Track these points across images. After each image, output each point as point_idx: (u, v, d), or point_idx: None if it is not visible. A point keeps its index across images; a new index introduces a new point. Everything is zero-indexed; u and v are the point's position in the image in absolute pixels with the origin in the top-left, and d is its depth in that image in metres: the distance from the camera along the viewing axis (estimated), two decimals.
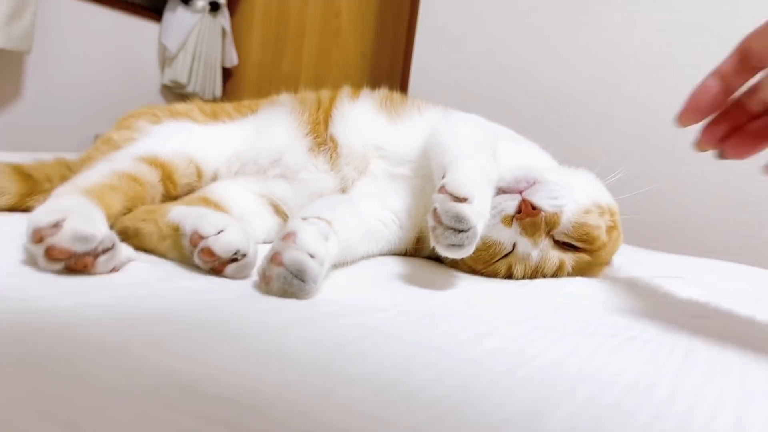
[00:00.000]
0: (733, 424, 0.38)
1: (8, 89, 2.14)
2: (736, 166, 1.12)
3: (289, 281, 0.57)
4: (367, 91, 1.03)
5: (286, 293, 0.57)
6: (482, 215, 0.66)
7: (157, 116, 0.96)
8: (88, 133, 2.19)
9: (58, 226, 0.55)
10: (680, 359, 0.49)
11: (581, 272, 0.79)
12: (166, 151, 0.85)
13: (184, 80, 2.69)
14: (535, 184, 0.76)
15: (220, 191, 0.88)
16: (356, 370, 0.40)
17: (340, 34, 2.75)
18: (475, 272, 0.80)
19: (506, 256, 0.77)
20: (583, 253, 0.78)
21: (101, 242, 0.56)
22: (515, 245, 0.76)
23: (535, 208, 0.73)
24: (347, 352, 0.43)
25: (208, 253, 0.62)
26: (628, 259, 0.92)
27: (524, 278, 0.77)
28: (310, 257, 0.58)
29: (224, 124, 0.99)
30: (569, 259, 0.78)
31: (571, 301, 0.68)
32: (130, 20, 2.59)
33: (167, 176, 0.83)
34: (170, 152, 0.86)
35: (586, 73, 1.91)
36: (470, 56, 2.13)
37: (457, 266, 0.83)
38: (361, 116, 0.98)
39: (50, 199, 0.68)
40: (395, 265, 0.83)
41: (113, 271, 0.58)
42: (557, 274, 0.78)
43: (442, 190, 0.65)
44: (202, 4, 2.67)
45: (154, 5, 2.69)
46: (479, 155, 0.75)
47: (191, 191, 0.88)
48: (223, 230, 0.63)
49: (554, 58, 1.97)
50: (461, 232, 0.63)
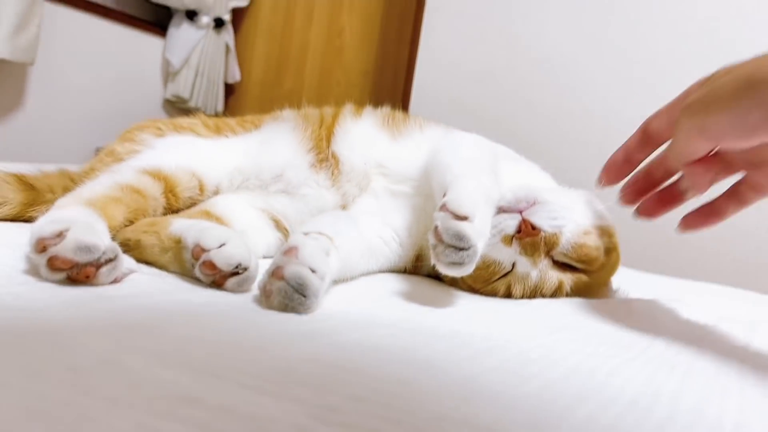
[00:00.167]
0: None
1: (11, 100, 2.15)
2: None
3: (290, 296, 0.57)
4: (369, 108, 1.04)
5: (286, 308, 0.57)
6: (483, 234, 0.66)
7: (160, 129, 0.97)
8: (89, 145, 2.20)
9: (61, 236, 0.56)
10: (679, 380, 0.49)
11: (580, 293, 0.80)
12: (169, 164, 0.86)
13: (186, 95, 2.71)
14: (535, 204, 0.76)
15: (221, 205, 0.89)
16: (358, 386, 0.40)
17: (342, 52, 2.77)
18: (474, 291, 0.80)
19: (505, 275, 0.77)
20: (582, 273, 0.78)
21: (104, 253, 0.56)
22: (514, 265, 0.76)
23: (534, 228, 0.74)
24: (348, 368, 0.43)
25: (209, 266, 0.63)
26: (626, 281, 0.92)
27: (523, 298, 0.77)
28: (311, 272, 0.59)
29: (227, 138, 1.00)
30: (568, 279, 0.78)
31: (570, 321, 0.68)
32: (134, 35, 2.61)
33: (170, 189, 0.84)
34: (173, 165, 0.86)
35: (587, 93, 1.93)
36: (472, 76, 2.15)
37: (456, 285, 0.83)
38: (363, 134, 0.99)
39: (53, 209, 0.69)
40: (395, 282, 0.83)
41: (115, 282, 0.59)
42: (556, 294, 0.78)
43: (443, 208, 0.65)
44: (206, 20, 2.69)
45: (158, 20, 2.72)
46: (480, 174, 0.75)
47: (193, 204, 0.89)
48: (224, 244, 0.64)
49: (555, 78, 1.99)
50: (462, 250, 0.63)
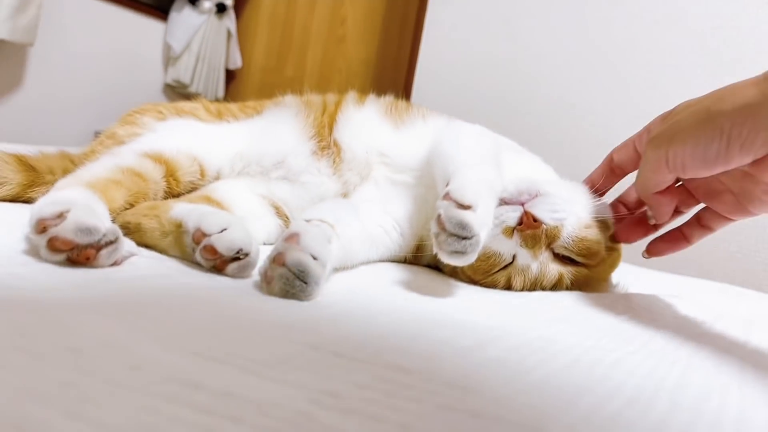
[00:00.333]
0: None
1: (10, 81, 2.14)
2: None
3: (291, 282, 0.56)
4: (373, 97, 1.03)
5: (287, 294, 0.57)
6: (485, 224, 0.66)
7: (162, 113, 0.96)
8: (88, 128, 2.19)
9: (61, 217, 0.55)
10: (679, 375, 0.49)
11: (580, 287, 0.79)
12: (170, 148, 0.85)
13: (187, 80, 2.70)
14: (537, 196, 0.76)
15: (222, 190, 0.88)
16: (359, 373, 0.40)
17: (345, 41, 2.76)
18: (474, 282, 0.80)
19: (506, 267, 0.77)
20: (582, 267, 0.78)
21: (104, 235, 0.56)
22: (515, 257, 0.76)
23: (536, 220, 0.74)
24: (349, 355, 0.43)
25: (210, 250, 0.62)
26: (626, 277, 0.92)
27: (523, 290, 0.77)
28: (312, 259, 0.58)
29: (229, 123, 0.99)
30: (568, 272, 0.78)
31: (570, 314, 0.68)
32: (135, 18, 2.59)
33: (170, 173, 0.83)
34: (174, 149, 0.86)
35: (590, 85, 1.92)
36: (474, 66, 2.14)
37: (456, 276, 0.83)
38: (366, 122, 0.98)
39: (53, 190, 0.68)
40: (396, 271, 0.83)
41: (115, 264, 0.58)
42: (556, 287, 0.78)
43: (446, 197, 0.65)
44: (208, 5, 2.68)
45: (160, 4, 2.70)
46: (483, 165, 0.75)
47: (193, 189, 0.89)
48: (226, 229, 0.64)
49: (557, 70, 1.98)
50: (464, 239, 0.63)
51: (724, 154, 0.55)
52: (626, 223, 0.79)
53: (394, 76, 2.61)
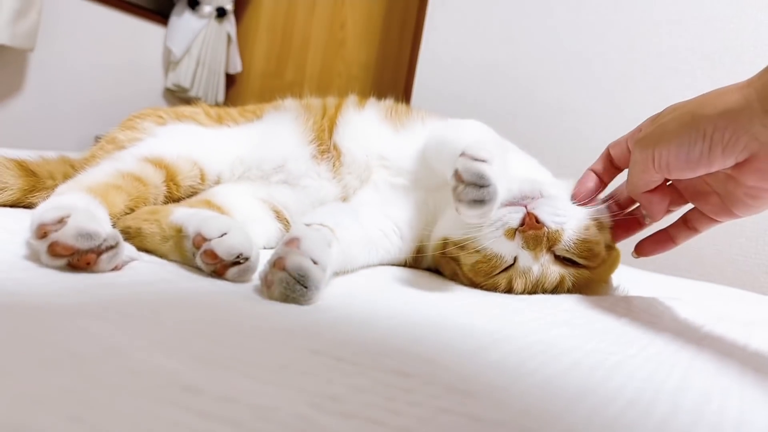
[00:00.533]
0: None
1: (10, 86, 2.14)
2: None
3: (291, 286, 0.57)
4: (373, 100, 1.04)
5: (287, 298, 0.57)
6: (501, 178, 0.67)
7: (162, 118, 0.96)
8: (88, 133, 2.19)
9: (62, 222, 0.55)
10: (680, 378, 0.49)
11: (581, 289, 0.79)
12: (170, 152, 0.85)
13: (187, 84, 2.70)
14: (539, 197, 0.76)
15: (222, 195, 0.88)
16: (359, 377, 0.40)
17: (344, 45, 2.76)
18: (475, 285, 0.80)
19: (507, 269, 0.77)
20: (583, 268, 0.78)
21: (105, 240, 0.56)
22: (516, 259, 0.76)
23: (538, 221, 0.74)
24: (349, 359, 0.43)
25: (210, 255, 0.62)
26: (626, 279, 0.92)
27: (524, 293, 0.77)
28: (313, 263, 0.59)
29: (229, 128, 1.00)
30: (569, 274, 0.78)
31: (570, 317, 0.68)
32: (135, 22, 2.60)
33: (171, 178, 0.84)
34: (175, 154, 0.86)
35: (589, 88, 1.92)
36: (474, 70, 2.14)
37: (457, 278, 0.83)
38: (366, 125, 0.98)
39: (54, 195, 0.69)
40: (396, 275, 0.83)
41: (115, 269, 0.58)
42: (557, 289, 0.78)
43: (462, 155, 0.67)
44: (208, 9, 2.68)
45: (160, 9, 2.70)
46: (494, 144, 0.76)
47: (194, 193, 0.89)
48: (226, 233, 0.64)
49: (557, 73, 1.98)
50: (482, 187, 0.65)
51: (706, 156, 0.56)
52: (617, 221, 0.80)
53: (393, 79, 2.61)
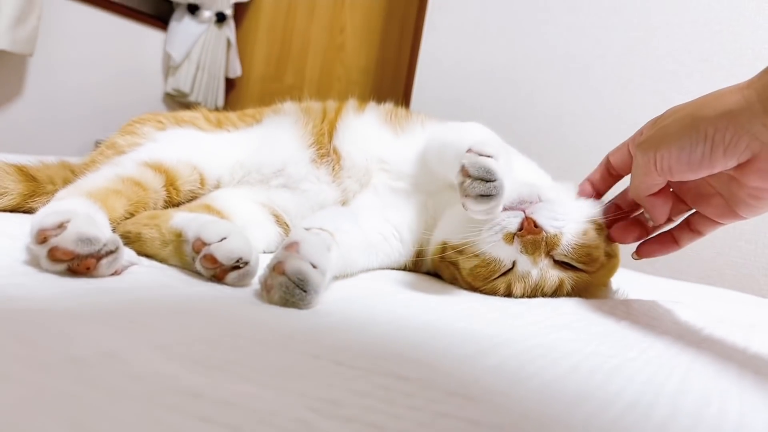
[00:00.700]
0: None
1: (10, 91, 2.14)
2: None
3: (291, 291, 0.57)
4: (372, 104, 1.04)
5: (287, 302, 0.57)
6: (507, 174, 0.68)
7: (162, 123, 0.97)
8: (88, 138, 2.19)
9: (62, 227, 0.56)
10: (680, 381, 0.49)
11: (580, 292, 0.79)
12: (170, 157, 0.86)
13: (187, 89, 2.71)
14: (538, 202, 0.76)
15: (222, 199, 0.89)
16: (359, 381, 0.40)
17: (344, 49, 2.77)
18: (474, 289, 0.80)
19: (506, 273, 0.77)
20: (582, 272, 0.78)
21: (105, 245, 0.56)
22: (515, 263, 0.76)
23: (537, 226, 0.74)
24: (349, 363, 0.43)
25: (210, 260, 0.62)
26: (625, 282, 0.92)
27: (523, 297, 0.77)
28: (312, 267, 0.59)
29: (228, 132, 1.00)
30: (568, 278, 0.78)
31: (569, 320, 0.68)
32: (135, 28, 2.60)
33: (170, 182, 0.84)
34: (174, 159, 0.86)
35: (587, 92, 1.93)
36: (473, 74, 2.14)
37: (456, 282, 0.83)
38: (365, 129, 0.99)
39: (54, 201, 0.69)
40: (395, 279, 0.83)
41: (115, 274, 0.59)
42: (556, 293, 0.78)
43: (468, 151, 0.68)
44: (208, 14, 2.69)
45: (160, 14, 2.71)
46: (500, 145, 0.76)
47: (193, 198, 0.89)
48: (225, 238, 0.64)
49: (556, 77, 1.99)
50: (489, 182, 0.66)
51: (708, 158, 0.57)
52: (622, 224, 0.79)
53: (393, 83, 2.62)
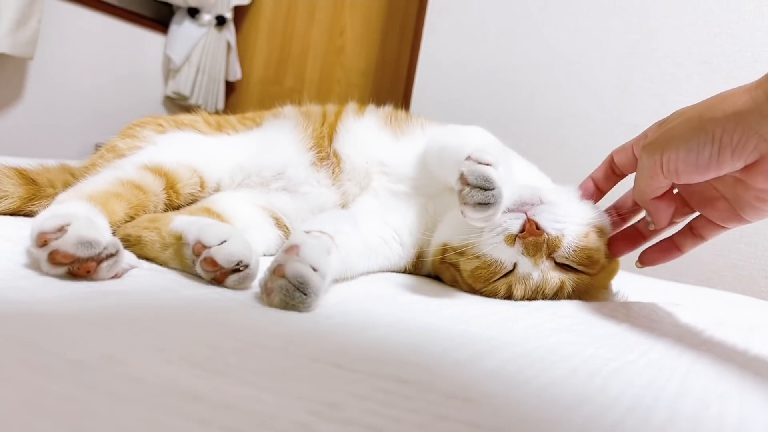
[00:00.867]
0: None
1: (10, 94, 2.15)
2: None
3: (291, 293, 0.57)
4: (372, 107, 1.04)
5: (287, 305, 0.57)
6: (506, 182, 0.68)
7: (162, 126, 0.97)
8: (88, 141, 2.19)
9: (62, 230, 0.56)
10: (679, 384, 0.49)
11: (581, 295, 0.79)
12: (170, 160, 0.86)
13: (187, 92, 2.71)
14: (539, 204, 0.76)
15: (222, 202, 0.89)
16: (358, 384, 0.40)
17: (343, 52, 2.77)
18: (474, 291, 0.80)
19: (506, 275, 0.77)
20: (583, 275, 0.78)
21: (105, 248, 0.56)
22: (516, 265, 0.76)
23: (539, 228, 0.74)
24: (349, 366, 0.43)
25: (210, 263, 0.63)
26: (626, 285, 0.92)
27: (524, 299, 0.77)
28: (312, 270, 0.59)
29: (229, 135, 1.00)
30: (569, 280, 0.78)
31: (570, 323, 0.68)
32: (135, 31, 2.61)
33: (171, 185, 0.84)
34: (174, 162, 0.86)
35: (587, 95, 1.93)
36: (473, 77, 2.15)
37: (456, 285, 0.83)
38: (365, 132, 0.99)
39: (54, 204, 0.69)
40: (396, 282, 0.83)
41: (115, 277, 0.59)
42: (557, 295, 0.78)
43: (468, 159, 0.68)
44: (208, 18, 2.69)
45: (160, 17, 2.71)
46: (498, 148, 0.76)
47: (194, 201, 0.89)
48: (226, 241, 0.64)
49: (556, 79, 1.99)
50: (487, 190, 0.66)
51: (715, 159, 0.56)
52: (617, 235, 0.80)
53: (393, 86, 2.62)
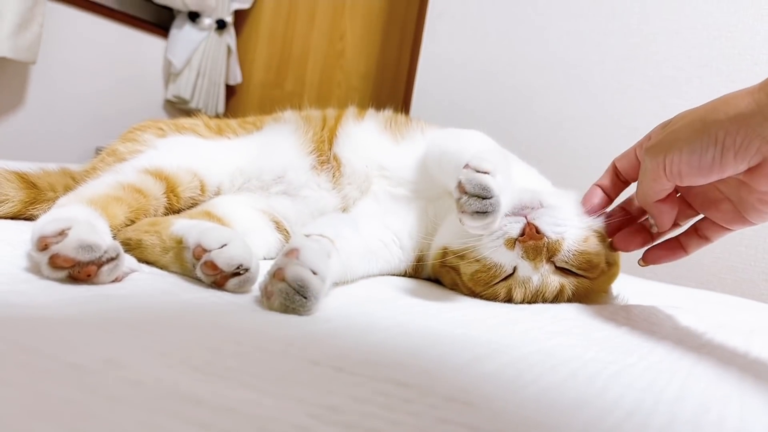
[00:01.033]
0: None
1: (12, 99, 2.15)
2: None
3: (291, 297, 0.57)
4: (372, 111, 1.04)
5: (287, 309, 0.57)
6: (504, 190, 0.68)
7: (162, 130, 0.97)
8: (90, 144, 2.20)
9: (63, 234, 0.56)
10: (679, 387, 0.49)
11: (581, 298, 0.79)
12: (170, 164, 0.86)
13: (187, 96, 2.71)
14: (539, 208, 0.76)
15: (222, 206, 0.89)
16: (358, 387, 0.40)
17: (343, 56, 2.78)
18: (474, 294, 0.80)
19: (506, 278, 0.77)
20: (583, 278, 0.78)
21: (105, 252, 0.56)
22: (516, 268, 0.76)
23: (539, 232, 0.74)
24: (348, 369, 0.43)
25: (210, 266, 0.63)
26: (626, 287, 0.92)
27: (524, 302, 0.77)
28: (312, 274, 0.59)
29: (229, 139, 1.00)
30: (569, 283, 0.78)
31: (569, 326, 0.68)
32: (136, 35, 2.61)
33: (171, 189, 0.84)
34: (175, 166, 0.86)
35: (587, 98, 1.93)
36: (473, 80, 2.15)
37: (456, 288, 0.84)
38: (365, 136, 0.99)
39: (54, 208, 0.69)
40: (396, 285, 0.83)
41: (116, 281, 0.59)
42: (557, 298, 0.78)
43: (466, 167, 0.68)
44: (208, 22, 2.70)
45: (161, 21, 2.72)
46: (498, 154, 0.76)
47: (194, 205, 0.89)
48: (226, 244, 0.64)
49: (556, 83, 1.99)
50: (485, 199, 0.66)
51: (718, 162, 0.56)
52: (625, 231, 0.79)
53: (392, 89, 2.62)
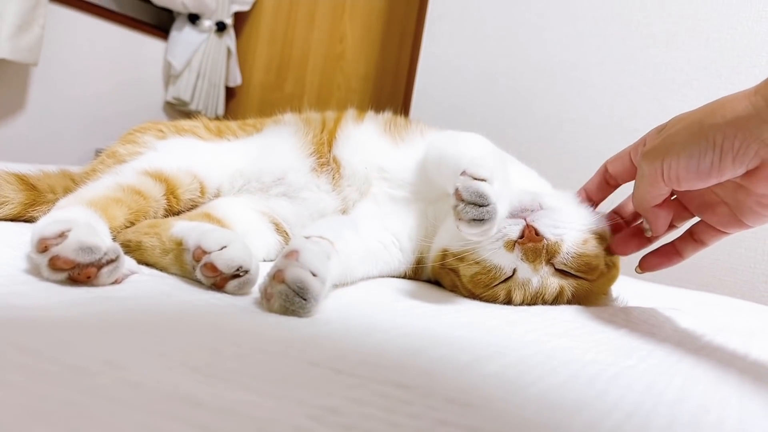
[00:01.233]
0: None
1: (13, 100, 2.15)
2: None
3: (290, 299, 0.57)
4: (371, 113, 1.04)
5: (287, 311, 0.57)
6: (501, 197, 0.68)
7: (162, 132, 0.97)
8: (89, 146, 2.20)
9: (63, 236, 0.56)
10: (678, 389, 0.49)
11: (580, 300, 0.79)
12: (170, 166, 0.86)
13: (187, 98, 2.72)
14: (539, 210, 0.76)
15: (222, 208, 0.89)
16: (358, 389, 0.40)
17: (343, 57, 2.78)
18: (474, 296, 0.80)
19: (506, 280, 0.77)
20: (583, 280, 0.78)
21: (105, 254, 0.56)
22: (515, 270, 0.76)
23: (538, 234, 0.74)
24: (348, 371, 0.43)
25: (210, 268, 0.63)
26: (625, 289, 0.93)
27: (523, 304, 0.77)
28: (312, 275, 0.59)
29: (229, 141, 1.00)
30: (569, 285, 0.78)
31: (569, 328, 0.68)
32: (136, 37, 2.62)
33: (171, 191, 0.84)
34: (175, 167, 0.86)
35: (586, 100, 1.93)
36: (472, 82, 2.15)
37: (456, 290, 0.84)
38: (365, 138, 0.99)
39: (54, 209, 0.69)
40: (395, 287, 0.83)
41: (116, 283, 0.59)
42: (557, 300, 0.78)
43: (463, 174, 0.68)
44: (208, 24, 2.70)
45: (161, 23, 2.73)
46: (496, 158, 0.76)
47: (194, 206, 0.89)
48: (226, 246, 0.64)
49: (556, 84, 2.00)
50: (482, 206, 0.66)
51: (717, 166, 0.56)
52: (622, 235, 0.79)
53: (392, 91, 2.63)
